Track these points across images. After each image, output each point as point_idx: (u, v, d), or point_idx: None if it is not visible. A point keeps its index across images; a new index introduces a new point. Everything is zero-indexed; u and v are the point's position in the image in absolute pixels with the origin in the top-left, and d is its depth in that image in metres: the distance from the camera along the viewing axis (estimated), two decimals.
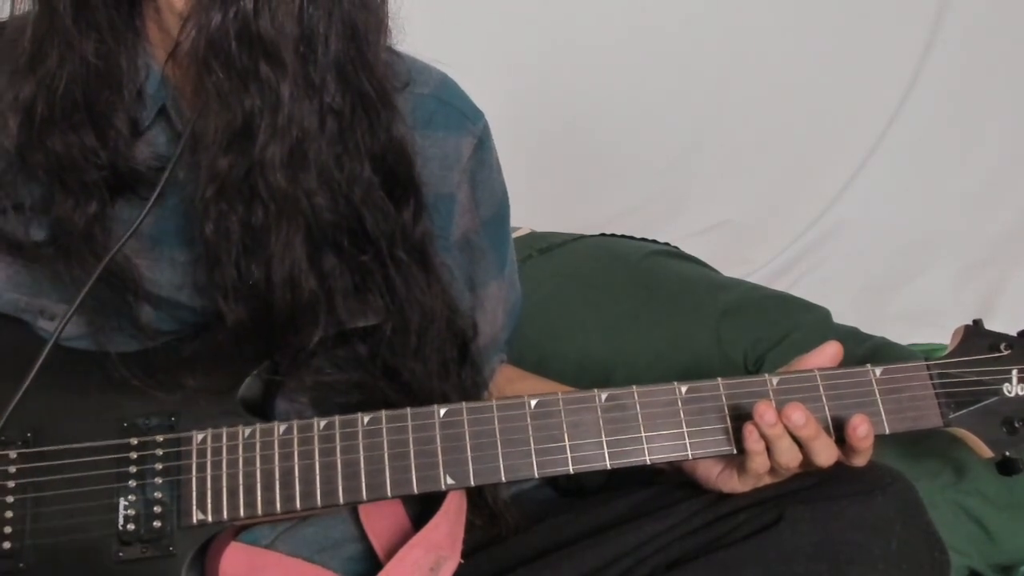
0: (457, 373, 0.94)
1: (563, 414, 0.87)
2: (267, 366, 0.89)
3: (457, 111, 0.97)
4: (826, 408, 0.88)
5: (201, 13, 0.77)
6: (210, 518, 0.84)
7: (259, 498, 0.84)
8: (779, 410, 0.85)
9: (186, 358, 0.87)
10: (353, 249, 0.86)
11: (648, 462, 0.87)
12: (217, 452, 0.85)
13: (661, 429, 0.88)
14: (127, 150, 0.85)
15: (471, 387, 0.96)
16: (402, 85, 0.89)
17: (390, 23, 0.86)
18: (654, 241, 1.72)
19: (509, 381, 1.10)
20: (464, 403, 0.87)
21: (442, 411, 0.87)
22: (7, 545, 0.83)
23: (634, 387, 0.88)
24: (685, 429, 0.88)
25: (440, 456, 0.85)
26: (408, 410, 0.86)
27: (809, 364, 0.92)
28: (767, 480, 0.91)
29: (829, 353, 0.93)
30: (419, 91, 0.95)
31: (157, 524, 0.84)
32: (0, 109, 0.83)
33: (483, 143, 0.99)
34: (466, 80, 1.00)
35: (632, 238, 1.73)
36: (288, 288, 0.82)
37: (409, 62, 0.94)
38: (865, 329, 1.51)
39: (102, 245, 0.84)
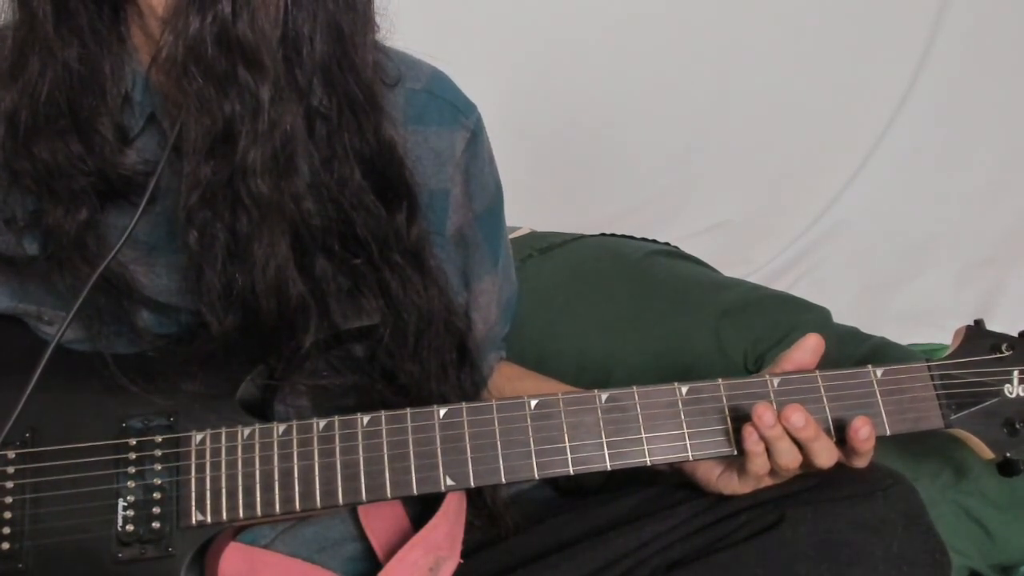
0: (456, 375, 0.94)
1: (563, 415, 0.87)
2: (262, 370, 0.88)
3: (449, 105, 0.97)
4: (827, 409, 0.88)
5: (179, 18, 0.75)
6: (209, 519, 0.84)
7: (258, 499, 0.84)
8: (779, 411, 0.85)
9: (183, 362, 0.86)
10: (345, 253, 0.86)
11: (648, 463, 0.87)
12: (216, 453, 0.85)
13: (661, 430, 0.87)
14: (114, 156, 0.84)
15: (470, 388, 0.96)
16: (392, 82, 0.89)
17: (378, 19, 0.85)
18: (654, 241, 1.71)
19: (509, 379, 1.10)
20: (464, 404, 0.87)
21: (442, 412, 0.86)
22: (6, 546, 0.82)
23: (634, 388, 0.88)
24: (685, 430, 0.87)
25: (440, 457, 0.85)
26: (408, 411, 0.86)
27: (792, 359, 0.92)
28: (767, 482, 0.91)
29: (810, 346, 0.92)
30: (410, 86, 0.94)
31: (156, 525, 0.83)
32: None
33: (476, 136, 0.98)
34: (467, 80, 1.00)
35: (632, 238, 1.73)
36: (273, 294, 0.82)
37: (399, 58, 0.93)
38: (865, 329, 1.50)
39: (95, 253, 0.83)
